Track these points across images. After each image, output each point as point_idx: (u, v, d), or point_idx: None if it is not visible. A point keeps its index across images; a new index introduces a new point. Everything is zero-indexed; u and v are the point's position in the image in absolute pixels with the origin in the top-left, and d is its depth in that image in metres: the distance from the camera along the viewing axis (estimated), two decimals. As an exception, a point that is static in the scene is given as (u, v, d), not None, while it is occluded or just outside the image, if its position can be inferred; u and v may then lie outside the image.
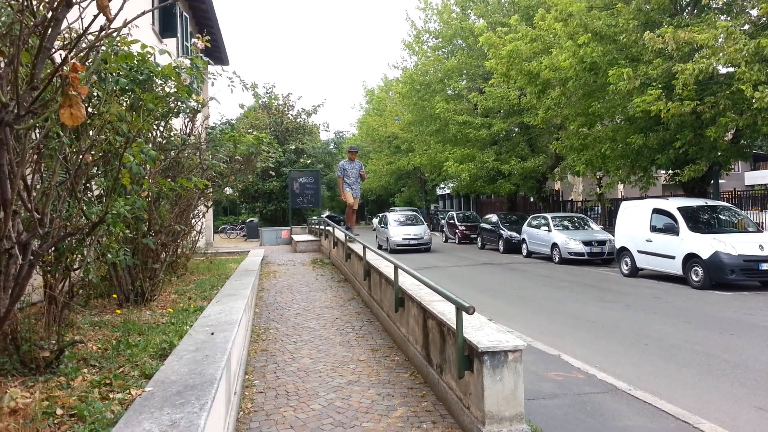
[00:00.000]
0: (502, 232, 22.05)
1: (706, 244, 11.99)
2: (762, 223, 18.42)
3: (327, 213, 53.83)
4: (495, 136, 24.55)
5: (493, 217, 23.90)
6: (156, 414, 2.84)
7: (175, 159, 7.99)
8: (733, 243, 11.77)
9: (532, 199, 29.26)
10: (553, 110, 17.53)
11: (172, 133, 7.94)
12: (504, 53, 17.29)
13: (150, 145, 6.72)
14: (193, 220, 10.08)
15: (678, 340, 7.57)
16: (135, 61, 5.15)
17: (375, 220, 48.40)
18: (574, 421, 4.64)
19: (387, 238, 23.35)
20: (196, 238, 11.44)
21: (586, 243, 17.45)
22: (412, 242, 22.98)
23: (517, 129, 25.10)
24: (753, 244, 11.82)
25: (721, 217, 13.71)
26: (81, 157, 4.03)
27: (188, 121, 8.74)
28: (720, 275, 11.68)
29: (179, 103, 6.67)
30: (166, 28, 15.47)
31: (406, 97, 28.39)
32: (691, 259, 12.31)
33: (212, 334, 4.59)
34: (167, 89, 6.15)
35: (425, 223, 24.99)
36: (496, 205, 35.59)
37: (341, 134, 63.76)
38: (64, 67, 2.68)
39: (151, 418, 2.79)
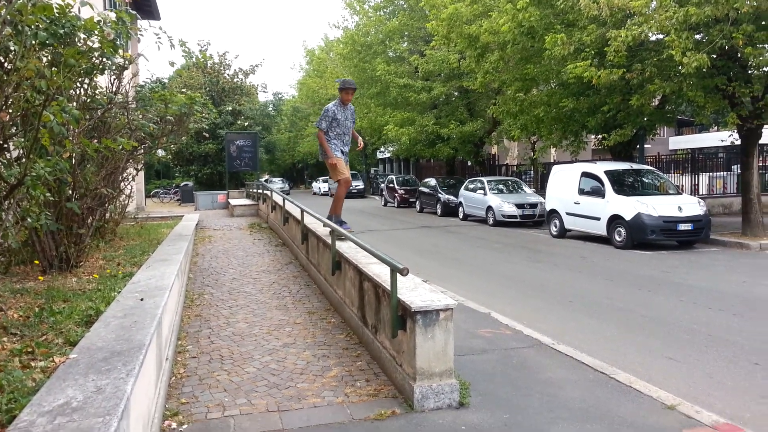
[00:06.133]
0: (440, 195, 22.38)
1: (629, 206, 12.61)
2: (682, 186, 19.49)
3: (266, 177, 52.98)
4: (435, 99, 24.66)
5: (432, 181, 24.20)
6: (80, 381, 2.79)
7: (101, 119, 7.62)
8: (654, 205, 12.43)
9: (469, 163, 29.74)
10: (491, 74, 17.68)
11: (97, 92, 7.54)
12: (444, 15, 17.22)
13: (73, 104, 6.37)
14: (122, 184, 9.71)
15: (600, 297, 8.01)
16: (55, 14, 4.83)
17: (315, 184, 48.00)
18: (500, 375, 4.87)
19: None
20: (126, 202, 11.04)
21: (519, 206, 18.00)
22: None
23: (456, 93, 25.26)
24: (672, 206, 12.52)
25: (644, 180, 14.41)
26: (-6, 115, 3.79)
27: (114, 79, 8.32)
28: (641, 235, 12.34)
29: (104, 59, 6.32)
30: (89, -22, 14.50)
31: (347, 59, 27.89)
32: (615, 221, 12.94)
33: (141, 300, 4.50)
34: (90, 44, 5.81)
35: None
36: (435, 169, 35.95)
37: (280, 96, 62.45)
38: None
39: (76, 385, 2.73)
